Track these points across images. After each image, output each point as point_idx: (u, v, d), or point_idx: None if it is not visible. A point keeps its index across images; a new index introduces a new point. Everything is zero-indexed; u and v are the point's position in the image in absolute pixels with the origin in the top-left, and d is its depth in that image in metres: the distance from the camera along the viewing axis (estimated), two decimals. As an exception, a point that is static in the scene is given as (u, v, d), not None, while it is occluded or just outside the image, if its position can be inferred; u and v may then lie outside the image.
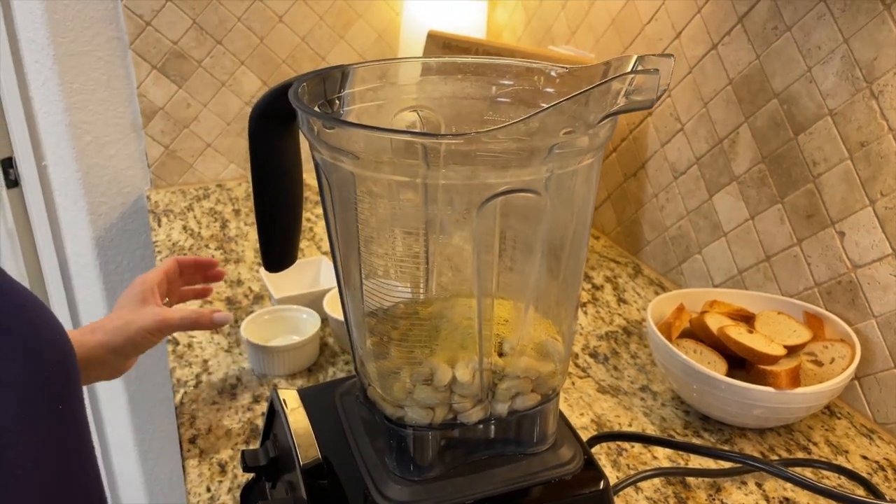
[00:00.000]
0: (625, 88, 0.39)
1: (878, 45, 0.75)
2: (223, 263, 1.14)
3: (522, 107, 0.51)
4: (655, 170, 1.10)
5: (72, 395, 0.48)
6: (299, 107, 0.42)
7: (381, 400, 0.48)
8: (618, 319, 1.01)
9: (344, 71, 0.49)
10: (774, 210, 0.90)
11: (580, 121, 0.41)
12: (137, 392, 1.54)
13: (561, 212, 0.43)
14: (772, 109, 0.88)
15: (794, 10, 0.83)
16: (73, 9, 1.25)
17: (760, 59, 0.89)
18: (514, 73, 0.51)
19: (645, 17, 1.07)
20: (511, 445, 0.50)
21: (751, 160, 0.92)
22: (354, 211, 0.44)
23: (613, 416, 0.82)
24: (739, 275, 0.97)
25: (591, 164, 0.43)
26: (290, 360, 0.87)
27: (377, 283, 0.47)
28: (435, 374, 0.45)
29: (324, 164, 0.45)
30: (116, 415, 1.55)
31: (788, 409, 0.74)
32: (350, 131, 0.43)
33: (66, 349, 0.46)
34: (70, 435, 0.46)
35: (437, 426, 0.47)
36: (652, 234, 1.13)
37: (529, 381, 0.48)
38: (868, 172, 0.78)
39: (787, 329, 0.81)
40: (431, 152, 0.40)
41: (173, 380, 0.88)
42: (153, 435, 1.59)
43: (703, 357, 0.79)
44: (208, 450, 0.77)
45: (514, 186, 0.40)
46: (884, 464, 0.75)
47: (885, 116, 0.75)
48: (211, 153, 1.42)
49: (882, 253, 0.77)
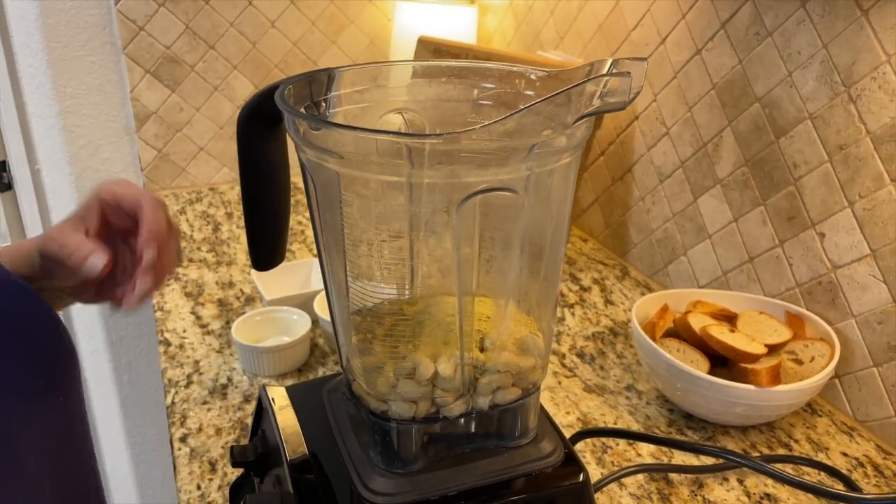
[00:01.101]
0: (599, 90, 0.40)
1: (855, 50, 0.76)
2: (215, 266, 1.15)
3: (504, 109, 0.52)
4: (642, 173, 1.11)
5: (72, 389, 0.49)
6: (285, 108, 0.43)
7: (366, 394, 0.49)
8: (605, 320, 1.03)
9: (330, 74, 0.51)
10: (757, 212, 0.92)
11: (557, 121, 0.43)
12: (130, 395, 1.54)
13: (539, 210, 0.45)
14: (754, 113, 0.90)
15: (775, 16, 0.85)
16: (67, 14, 1.26)
17: (743, 64, 0.90)
18: (496, 76, 0.52)
19: (631, 23, 1.09)
20: (493, 439, 0.52)
21: (734, 163, 0.94)
22: (340, 211, 0.45)
23: (599, 415, 0.83)
24: (724, 276, 0.99)
25: (569, 164, 0.44)
26: (281, 361, 0.89)
27: (362, 282, 0.48)
28: (417, 369, 0.47)
29: (309, 165, 0.46)
30: (109, 417, 1.56)
31: (769, 406, 0.76)
32: (335, 132, 0.44)
33: (67, 344, 0.47)
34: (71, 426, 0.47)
35: (421, 420, 0.48)
36: (639, 236, 1.14)
37: (510, 375, 0.49)
38: (847, 175, 0.79)
39: (769, 328, 0.82)
40: (415, 152, 0.41)
41: (165, 380, 0.89)
42: (146, 437, 1.59)
43: (687, 356, 0.80)
44: (199, 448, 0.78)
45: (492, 185, 0.41)
46: (863, 460, 0.76)
47: (862, 120, 0.77)
48: (204, 157, 1.43)
49: (861, 253, 0.79)
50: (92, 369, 1.51)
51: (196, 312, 1.03)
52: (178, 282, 1.10)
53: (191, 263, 1.16)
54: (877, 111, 0.75)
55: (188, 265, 1.15)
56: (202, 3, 1.32)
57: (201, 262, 1.16)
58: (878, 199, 0.76)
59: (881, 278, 0.77)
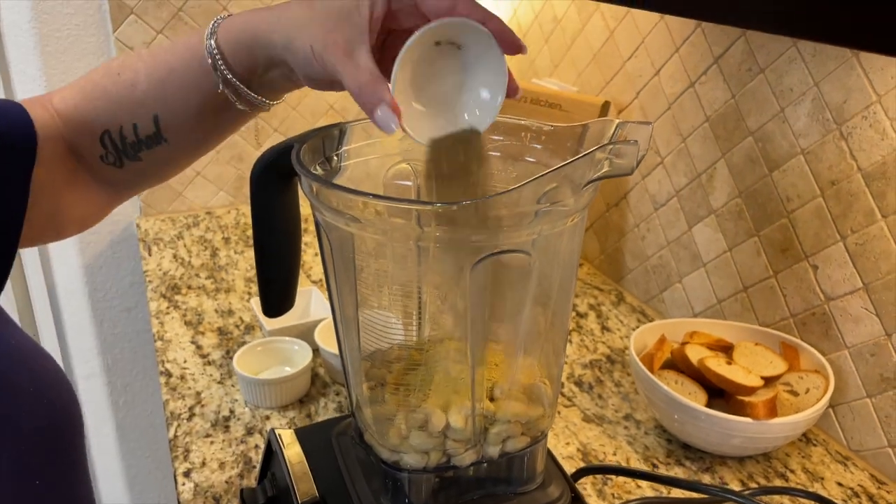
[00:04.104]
0: (607, 156, 0.42)
1: (847, 89, 0.78)
2: (214, 293, 1.16)
3: (510, 160, 0.54)
4: (636, 201, 1.13)
5: (76, 444, 0.49)
6: (302, 171, 0.45)
7: (378, 444, 0.50)
8: (601, 347, 1.04)
9: (341, 128, 0.52)
10: (751, 243, 0.94)
11: (567, 181, 0.44)
12: (125, 419, 1.54)
13: (549, 267, 0.46)
14: (747, 147, 0.92)
15: (767, 54, 0.87)
16: (65, 41, 1.27)
17: (736, 99, 0.92)
18: (502, 129, 0.54)
19: (625, 54, 1.11)
20: (501, 485, 0.53)
21: (728, 194, 0.96)
22: (353, 266, 0.46)
23: (598, 445, 0.84)
24: (718, 304, 1.00)
25: (577, 224, 0.45)
26: (283, 392, 0.89)
27: (375, 335, 0.49)
28: (429, 421, 0.48)
29: (324, 223, 0.47)
30: (104, 442, 1.56)
31: (766, 438, 0.77)
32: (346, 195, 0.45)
33: (71, 397, 0.47)
34: (75, 482, 0.48)
35: (432, 469, 0.49)
36: (634, 262, 1.16)
37: (519, 424, 0.50)
38: (839, 209, 0.81)
39: (764, 360, 0.84)
40: (424, 215, 0.42)
41: (167, 412, 0.89)
42: (140, 462, 1.59)
43: (684, 388, 0.82)
44: (202, 483, 0.78)
45: (505, 247, 0.42)
46: (858, 490, 0.78)
47: (854, 157, 0.79)
48: (200, 181, 1.44)
49: (853, 286, 0.81)
50: (87, 393, 1.51)
51: (196, 342, 1.03)
52: (177, 310, 1.11)
53: (189, 290, 1.16)
54: (868, 149, 0.77)
55: (187, 292, 1.16)
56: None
57: (200, 290, 1.17)
58: (869, 234, 0.78)
59: (873, 311, 0.79)
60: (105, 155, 0.56)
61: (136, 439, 1.57)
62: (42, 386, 0.45)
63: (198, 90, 0.53)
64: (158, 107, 0.54)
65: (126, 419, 1.54)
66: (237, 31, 0.52)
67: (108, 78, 0.55)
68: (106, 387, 1.51)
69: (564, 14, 1.23)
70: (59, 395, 0.46)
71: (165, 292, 1.16)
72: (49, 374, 0.46)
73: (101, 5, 1.27)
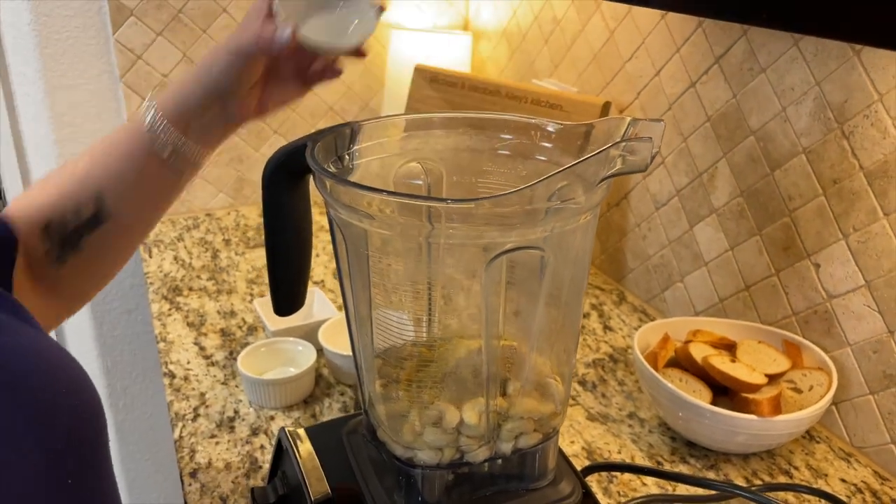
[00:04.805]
0: (620, 153, 0.42)
1: (848, 88, 0.79)
2: (216, 294, 1.16)
3: (520, 159, 0.54)
4: (638, 200, 1.14)
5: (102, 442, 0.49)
6: (317, 169, 0.45)
7: (391, 441, 0.50)
8: (604, 347, 1.04)
9: (353, 128, 0.52)
10: (753, 241, 0.94)
11: (579, 178, 0.45)
12: (125, 422, 1.54)
13: (562, 264, 0.46)
14: (749, 146, 0.92)
15: (769, 53, 0.88)
16: (65, 42, 1.26)
17: (737, 98, 0.93)
18: (512, 127, 0.54)
19: (626, 55, 1.11)
20: (514, 481, 0.53)
21: (729, 193, 0.97)
22: (367, 263, 0.47)
23: (603, 444, 0.84)
24: (720, 303, 1.01)
25: (589, 221, 0.46)
26: (287, 393, 0.89)
27: (388, 332, 0.49)
28: (443, 417, 0.48)
29: (338, 220, 0.47)
30: (104, 444, 1.55)
31: (770, 435, 0.78)
32: (360, 191, 0.45)
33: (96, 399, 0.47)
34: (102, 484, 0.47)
35: (445, 465, 0.50)
36: (635, 262, 1.16)
37: (532, 421, 0.51)
38: (841, 208, 0.82)
39: (768, 358, 0.84)
40: (435, 213, 0.43)
41: (171, 413, 0.89)
42: (140, 464, 1.58)
43: (689, 386, 0.82)
44: (209, 484, 0.78)
45: (519, 244, 0.43)
46: (861, 486, 0.79)
47: (855, 156, 0.79)
48: (200, 183, 1.43)
49: (856, 284, 0.81)
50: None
51: (199, 343, 1.03)
52: (179, 312, 1.11)
53: (191, 292, 1.16)
54: (869, 148, 0.78)
55: (188, 294, 1.16)
56: (199, 32, 1.33)
57: (202, 291, 1.17)
58: (871, 232, 0.79)
59: (876, 309, 0.80)
60: (49, 250, 0.57)
61: (136, 442, 1.56)
62: (71, 390, 0.45)
63: (140, 156, 0.59)
64: (101, 181, 0.58)
65: (125, 422, 1.54)
66: (172, 90, 0.60)
67: (53, 173, 0.60)
68: (105, 389, 1.51)
69: (564, 14, 1.24)
70: (87, 399, 0.46)
71: (167, 294, 1.16)
72: (76, 378, 0.46)
73: (100, 7, 1.27)
